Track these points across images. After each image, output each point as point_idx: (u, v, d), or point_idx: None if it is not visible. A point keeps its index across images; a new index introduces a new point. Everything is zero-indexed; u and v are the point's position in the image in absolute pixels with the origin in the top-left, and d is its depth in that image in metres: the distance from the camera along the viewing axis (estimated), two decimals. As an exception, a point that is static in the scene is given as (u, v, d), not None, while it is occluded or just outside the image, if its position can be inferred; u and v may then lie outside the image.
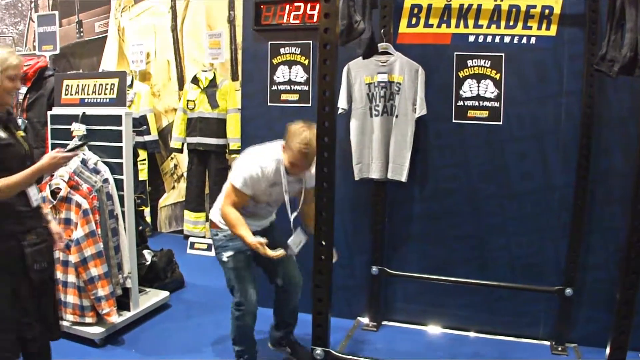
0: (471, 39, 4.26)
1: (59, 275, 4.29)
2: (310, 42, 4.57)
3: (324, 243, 2.80)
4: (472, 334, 4.50)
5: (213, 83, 6.23)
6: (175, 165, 7.43)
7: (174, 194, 7.51)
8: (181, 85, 7.19)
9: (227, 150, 6.40)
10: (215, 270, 5.59)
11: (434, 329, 4.59)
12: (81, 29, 8.22)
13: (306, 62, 4.59)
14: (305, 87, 4.61)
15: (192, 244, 6.68)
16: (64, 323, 4.38)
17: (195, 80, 6.43)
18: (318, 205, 2.74)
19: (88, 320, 4.31)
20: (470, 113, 4.30)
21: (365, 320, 4.69)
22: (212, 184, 6.64)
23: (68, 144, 4.45)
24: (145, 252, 5.20)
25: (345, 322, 4.63)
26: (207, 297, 5.35)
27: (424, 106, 4.17)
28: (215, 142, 6.25)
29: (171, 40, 7.34)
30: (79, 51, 8.14)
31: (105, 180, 4.32)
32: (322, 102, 2.52)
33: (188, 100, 6.43)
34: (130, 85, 6.77)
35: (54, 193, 4.25)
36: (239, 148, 5.97)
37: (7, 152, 2.86)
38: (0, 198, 2.75)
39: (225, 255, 3.68)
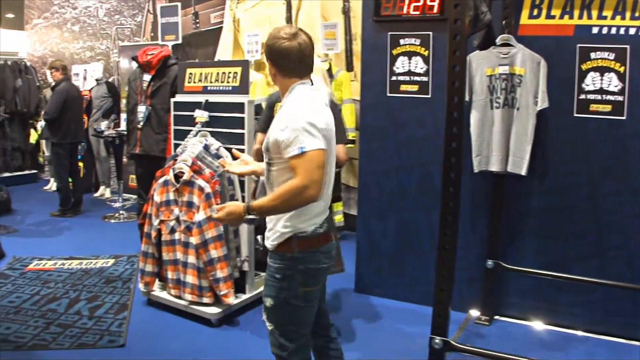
0: (594, 30, 4.26)
1: (180, 255, 4.59)
2: (430, 33, 4.70)
3: (448, 233, 2.88)
4: (580, 333, 4.49)
5: (328, 73, 6.38)
6: (289, 154, 7.65)
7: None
8: (295, 76, 7.40)
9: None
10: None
11: (545, 326, 4.62)
12: (197, 20, 8.61)
13: (426, 53, 4.71)
14: (425, 78, 4.74)
15: (303, 232, 6.83)
16: (182, 302, 4.68)
17: (310, 71, 6.61)
18: (444, 195, 2.83)
19: (205, 300, 4.60)
20: (593, 107, 4.29)
21: (476, 313, 4.76)
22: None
23: (191, 130, 4.72)
24: (259, 237, 5.41)
25: (455, 314, 4.70)
26: (319, 284, 5.51)
27: (546, 99, 4.22)
28: (330, 131, 6.33)
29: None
30: (195, 41, 8.53)
31: (227, 166, 4.56)
32: (451, 93, 2.63)
33: (303, 90, 6.62)
34: (246, 75, 7.03)
35: (177, 177, 4.52)
36: (354, 138, 6.13)
37: None
38: None
39: None
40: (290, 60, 2.71)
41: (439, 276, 3.02)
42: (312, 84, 2.83)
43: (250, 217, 2.66)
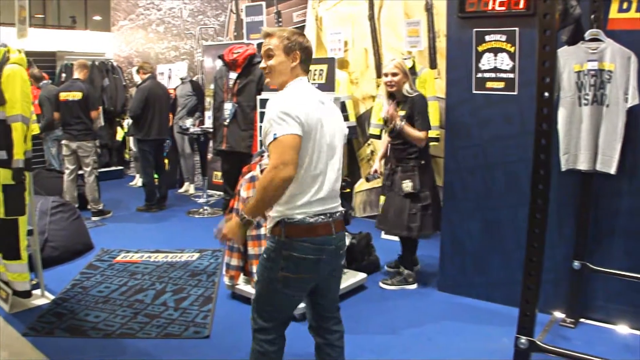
0: (688, 23, 4.14)
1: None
2: (517, 29, 4.68)
3: (536, 231, 2.89)
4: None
5: (412, 71, 6.39)
6: (372, 152, 7.73)
7: (370, 179, 7.78)
8: (379, 73, 7.49)
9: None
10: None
11: (632, 331, 4.51)
12: (280, 19, 8.77)
13: (512, 49, 4.70)
14: (511, 75, 4.72)
15: (388, 229, 6.84)
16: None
17: (394, 68, 6.62)
18: (533, 192, 2.84)
19: (289, 294, 4.66)
20: (686, 103, 4.18)
21: (561, 315, 4.69)
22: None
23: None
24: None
25: (539, 316, 4.60)
26: (401, 281, 5.58)
27: (637, 95, 4.13)
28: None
29: (368, 29, 7.64)
30: (278, 40, 8.64)
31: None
32: (541, 89, 2.64)
33: (387, 88, 6.65)
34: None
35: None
36: (438, 136, 6.14)
37: None
38: None
39: None
40: (309, 58, 3.01)
41: (526, 275, 3.02)
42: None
43: (246, 219, 2.84)
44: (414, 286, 5.47)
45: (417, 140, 5.09)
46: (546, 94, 2.64)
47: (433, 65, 7.01)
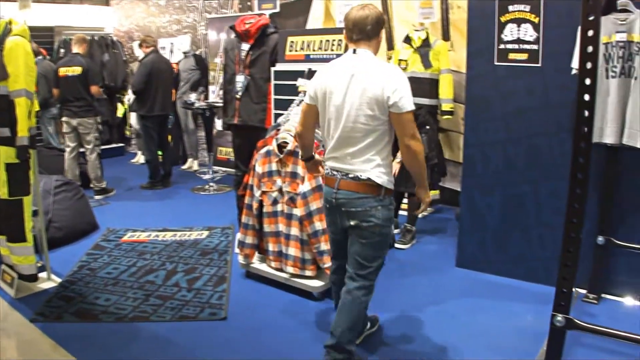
0: None
1: (282, 227, 4.67)
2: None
3: (576, 206, 2.85)
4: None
5: (426, 42, 6.30)
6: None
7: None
8: (389, 45, 7.40)
9: (438, 111, 6.39)
10: (426, 233, 5.82)
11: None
12: (288, -10, 8.67)
13: (536, 20, 4.63)
14: (535, 47, 4.66)
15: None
16: (283, 275, 4.78)
17: (407, 40, 6.49)
18: (574, 166, 2.79)
19: (308, 273, 4.66)
20: None
21: (582, 291, 4.67)
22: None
23: (294, 100, 4.77)
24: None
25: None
26: (416, 257, 5.67)
27: (666, 68, 4.07)
28: (427, 102, 6.14)
29: (379, 0, 7.52)
30: (285, 12, 8.58)
31: (332, 135, 4.60)
32: (584, 58, 2.59)
33: (400, 60, 6.54)
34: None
35: (280, 147, 4.57)
36: (451, 109, 6.08)
37: None
38: None
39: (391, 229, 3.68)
40: (348, 25, 3.34)
41: (564, 251, 2.97)
42: (354, 52, 3.34)
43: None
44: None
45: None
46: (589, 64, 2.59)
47: (446, 37, 6.93)
